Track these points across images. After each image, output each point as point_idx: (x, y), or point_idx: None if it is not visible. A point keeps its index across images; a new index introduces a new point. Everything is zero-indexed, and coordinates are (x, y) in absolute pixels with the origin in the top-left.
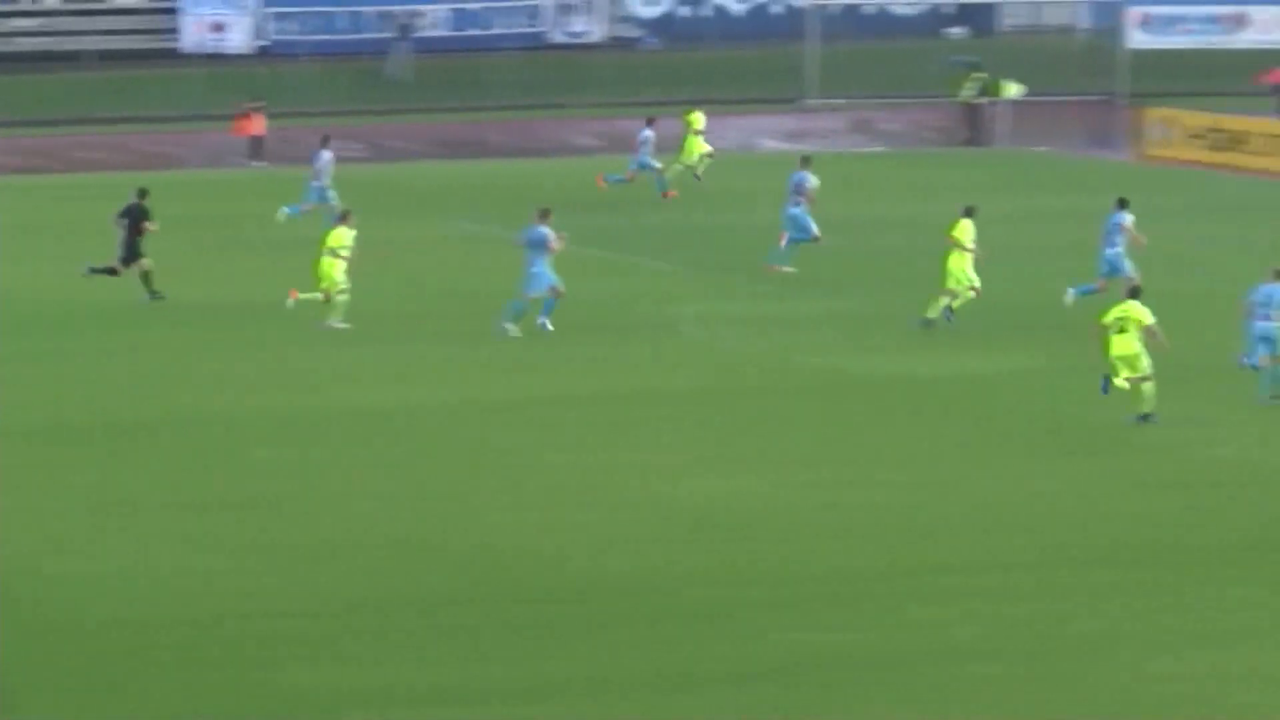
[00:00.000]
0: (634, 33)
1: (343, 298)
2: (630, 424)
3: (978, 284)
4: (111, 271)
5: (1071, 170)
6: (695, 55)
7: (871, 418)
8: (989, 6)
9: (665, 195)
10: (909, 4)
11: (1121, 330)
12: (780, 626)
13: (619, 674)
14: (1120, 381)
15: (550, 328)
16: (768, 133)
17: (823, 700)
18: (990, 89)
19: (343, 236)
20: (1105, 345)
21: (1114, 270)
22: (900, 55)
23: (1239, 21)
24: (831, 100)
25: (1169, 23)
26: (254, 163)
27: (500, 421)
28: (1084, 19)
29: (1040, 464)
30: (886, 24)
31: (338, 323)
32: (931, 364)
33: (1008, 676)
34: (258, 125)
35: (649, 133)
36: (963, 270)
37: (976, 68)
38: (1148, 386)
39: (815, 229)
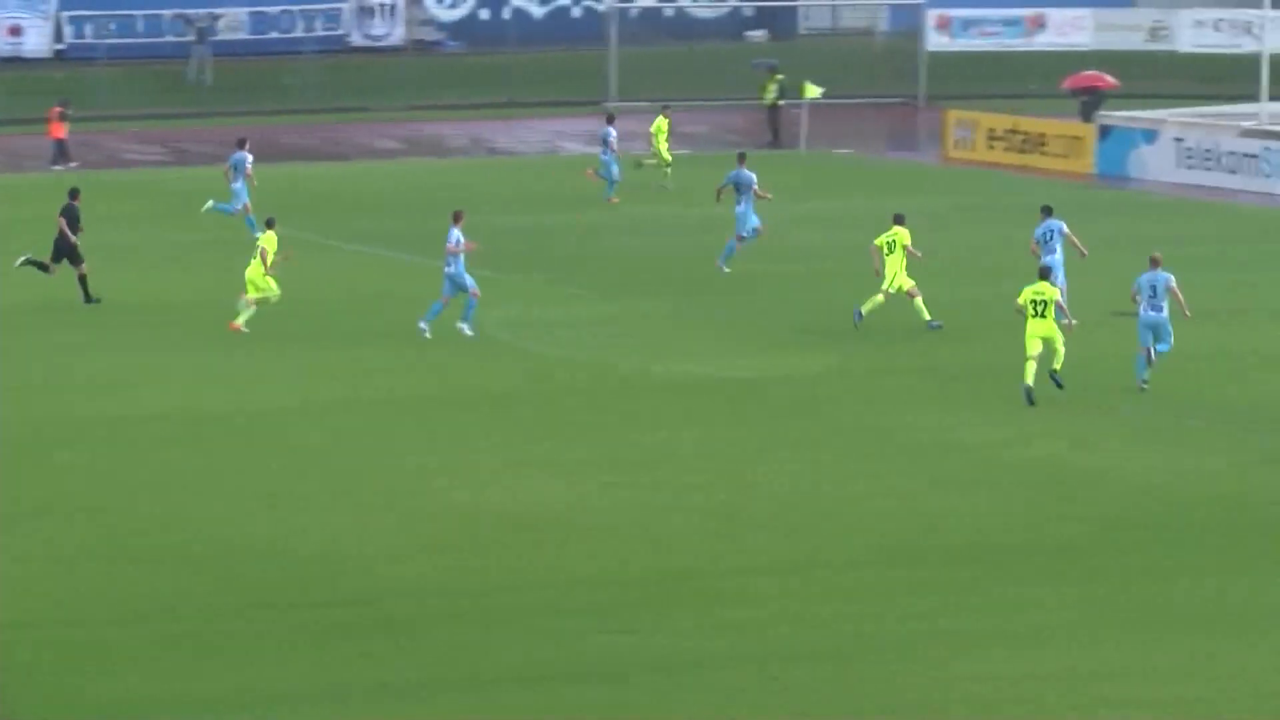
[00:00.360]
0: (435, 36)
1: (254, 308)
2: (438, 427)
3: (892, 288)
4: (43, 267)
5: (874, 172)
6: (497, 58)
7: (681, 419)
8: (788, 10)
9: (610, 200)
10: (708, 7)
11: (1038, 314)
12: (590, 630)
13: (424, 677)
14: (1030, 364)
15: (470, 332)
16: (570, 135)
17: (634, 703)
18: (797, 91)
19: (273, 241)
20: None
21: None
22: (701, 58)
23: (1037, 24)
24: (633, 103)
25: (968, 25)
26: (56, 166)
27: (306, 425)
28: (883, 22)
29: (850, 465)
30: (687, 27)
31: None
32: (740, 366)
33: (817, 677)
34: (61, 129)
35: (612, 130)
36: (900, 275)
37: (777, 70)
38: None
39: (757, 223)
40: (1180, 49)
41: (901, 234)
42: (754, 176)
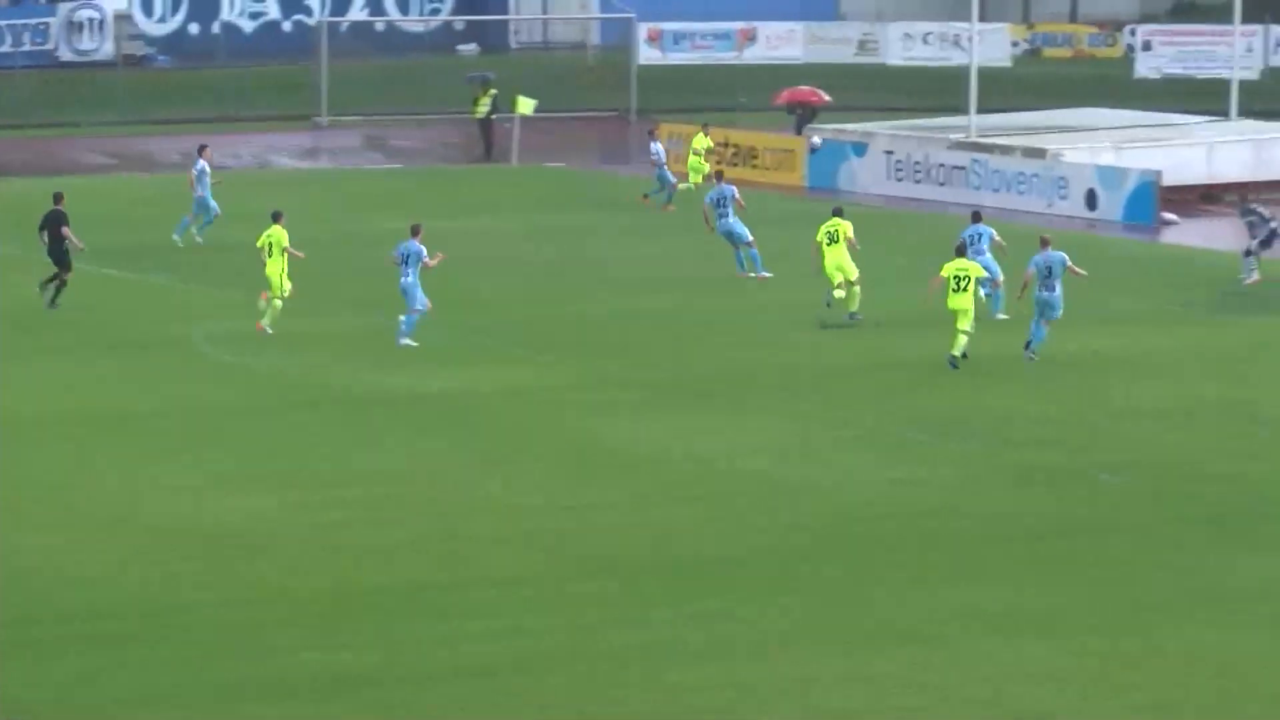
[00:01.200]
0: (144, 51)
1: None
2: (146, 442)
3: (854, 276)
4: (59, 280)
5: (587, 185)
6: (207, 73)
7: (402, 434)
8: (500, 24)
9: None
10: (419, 21)
11: (960, 289)
12: (298, 646)
13: (130, 694)
14: (961, 340)
15: (413, 345)
16: (282, 150)
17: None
18: (510, 104)
19: (284, 236)
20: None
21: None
22: (413, 72)
23: (748, 37)
24: (345, 117)
25: (679, 39)
26: None
27: (20, 440)
28: (595, 36)
29: (571, 477)
30: (398, 41)
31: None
32: (463, 379)
33: (543, 688)
34: None
35: (658, 146)
36: (845, 265)
37: (490, 84)
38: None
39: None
40: (890, 62)
41: (842, 225)
42: (734, 189)
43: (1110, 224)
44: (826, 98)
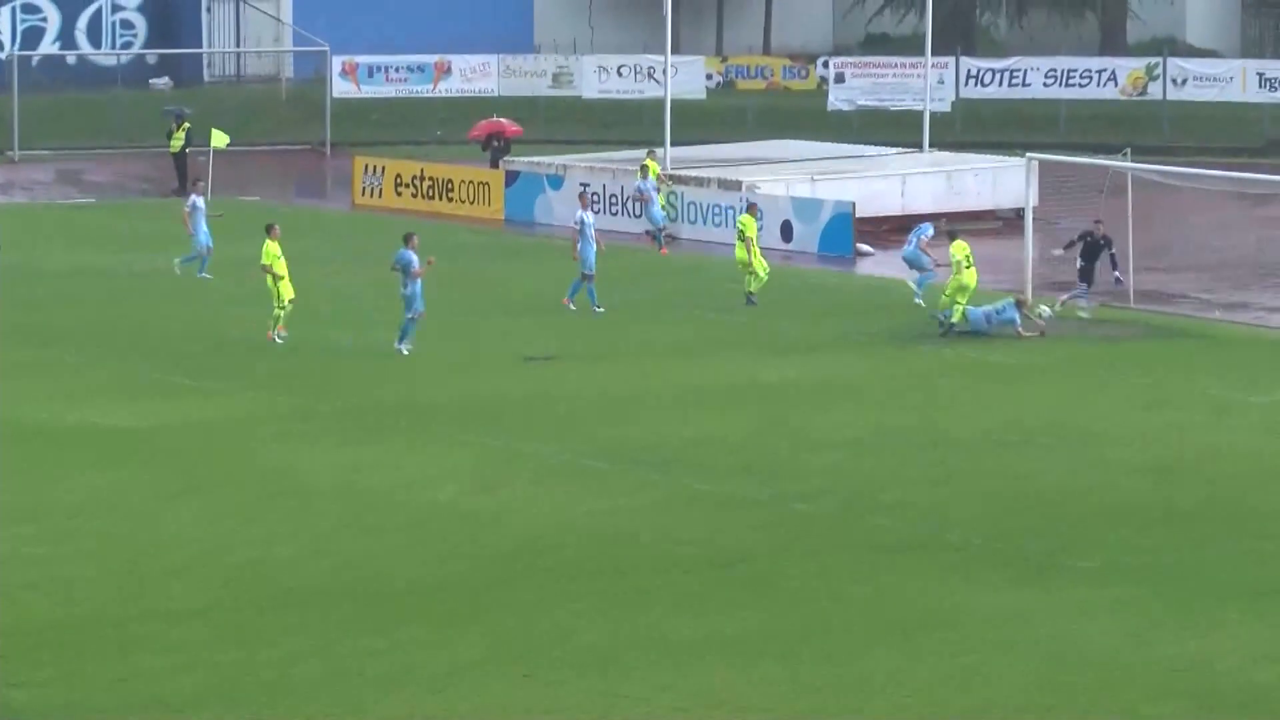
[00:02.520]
0: None
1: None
2: None
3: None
4: None
5: (283, 218)
6: None
7: (73, 467)
8: (193, 57)
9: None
10: (111, 55)
11: (970, 265)
12: None
13: None
14: (958, 311)
15: (405, 351)
16: None
17: None
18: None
19: (275, 249)
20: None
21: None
22: (107, 105)
23: (443, 70)
24: (37, 151)
25: (373, 72)
26: None
27: None
28: (289, 69)
29: (257, 509)
30: (91, 74)
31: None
32: (136, 412)
33: None
34: None
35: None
36: (757, 260)
37: (185, 118)
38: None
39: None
40: (585, 95)
41: (749, 223)
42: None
43: (806, 255)
44: (517, 128)
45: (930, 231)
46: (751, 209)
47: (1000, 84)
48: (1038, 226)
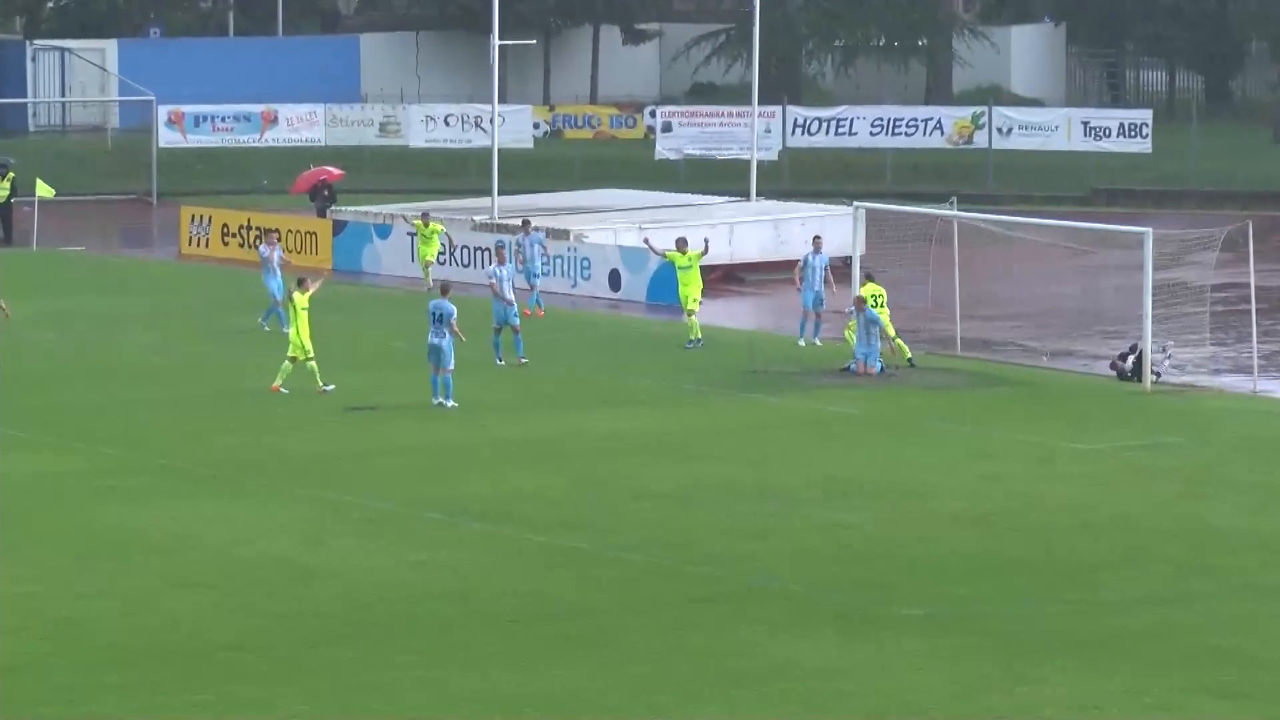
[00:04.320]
0: None
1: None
2: None
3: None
4: None
5: (108, 269)
6: None
7: None
8: (18, 106)
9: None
10: None
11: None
12: None
13: None
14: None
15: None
16: None
17: None
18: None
19: (304, 299)
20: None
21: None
22: None
23: (270, 119)
24: None
25: (200, 121)
26: None
27: None
28: (115, 118)
29: (85, 565)
30: None
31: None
32: None
33: None
34: None
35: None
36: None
37: (9, 168)
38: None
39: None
40: (412, 144)
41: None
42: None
43: (635, 304)
44: (338, 172)
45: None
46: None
47: (827, 133)
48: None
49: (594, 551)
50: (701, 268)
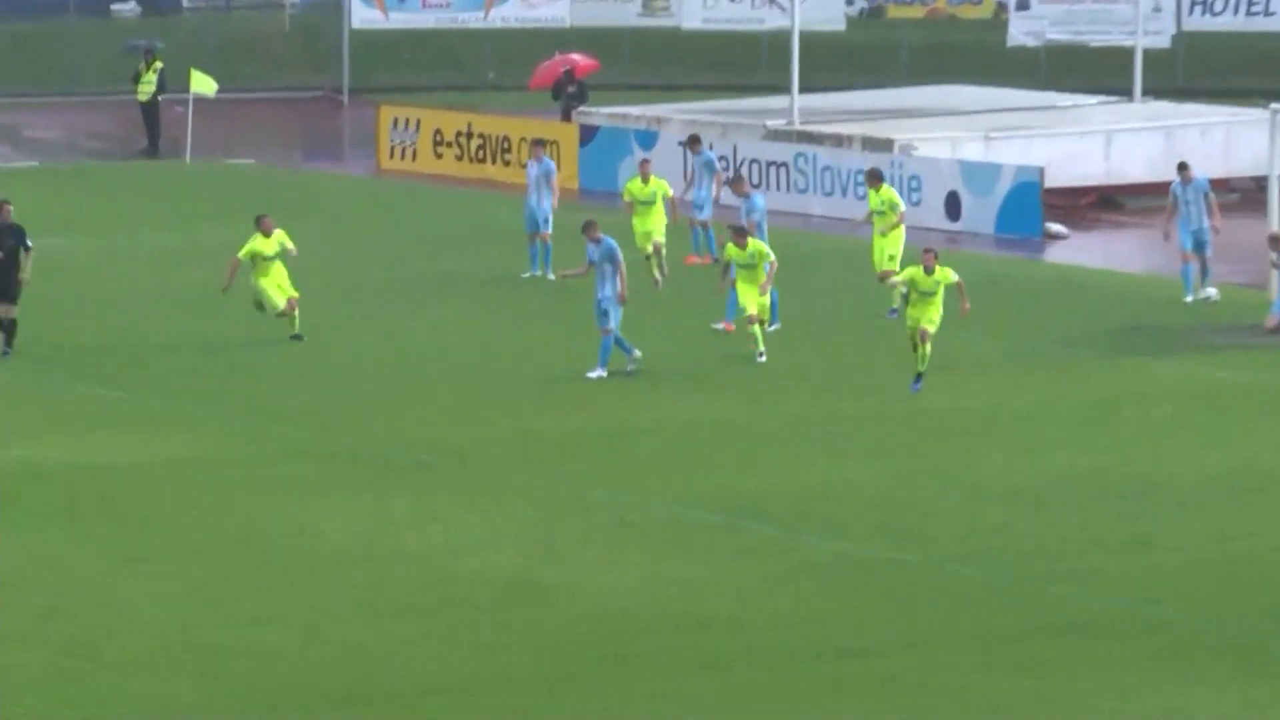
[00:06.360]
0: None
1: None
2: None
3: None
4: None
5: (285, 187)
6: None
7: (19, 519)
8: None
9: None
10: None
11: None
12: None
13: None
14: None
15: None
16: None
17: None
18: (184, 82)
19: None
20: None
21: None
22: (54, 39)
23: None
24: None
25: None
26: None
27: None
28: None
29: (224, 582)
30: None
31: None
32: (78, 448)
33: None
34: None
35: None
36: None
37: (156, 55)
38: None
39: None
40: (686, 25)
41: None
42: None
43: (979, 238)
44: (592, 62)
45: None
46: (875, 178)
47: (1236, 11)
48: None
49: (917, 566)
50: (1070, 189)
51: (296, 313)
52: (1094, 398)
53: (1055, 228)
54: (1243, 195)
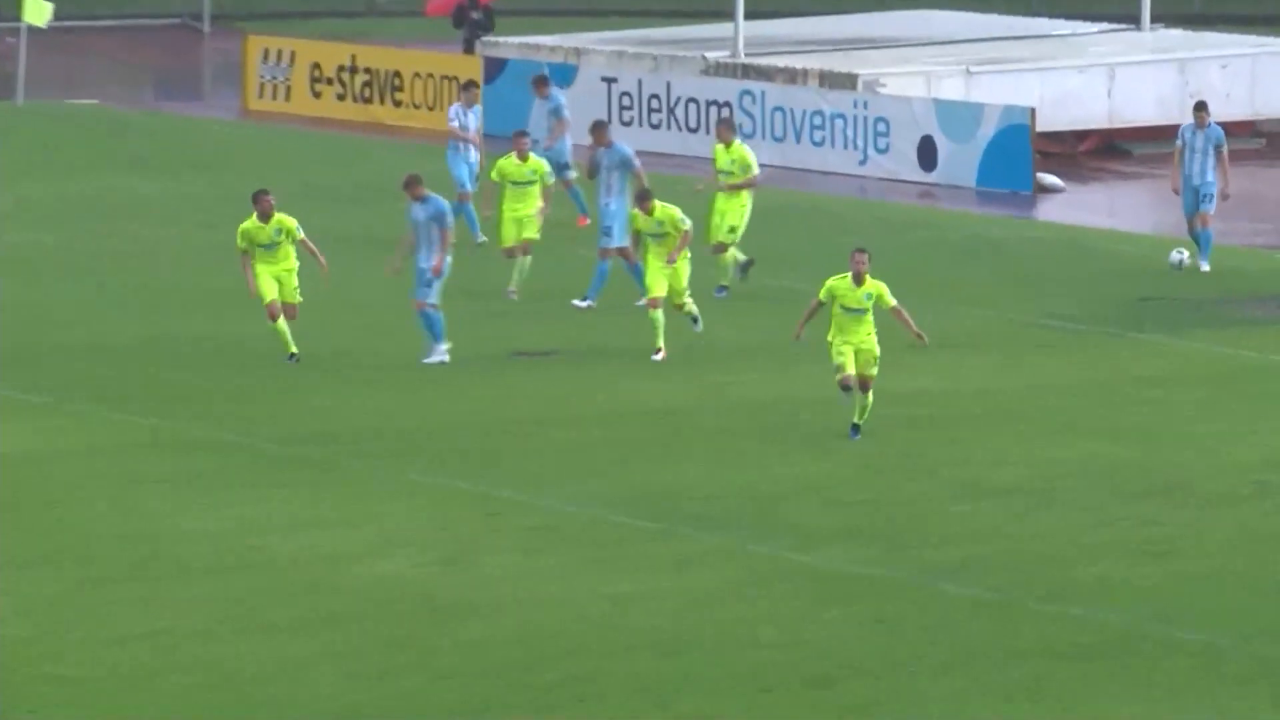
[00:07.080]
0: None
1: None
2: None
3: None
4: None
5: (135, 132)
6: None
7: None
8: None
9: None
10: None
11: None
12: None
13: None
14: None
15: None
16: None
17: None
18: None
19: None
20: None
21: None
22: None
23: None
24: None
25: None
26: None
27: None
28: None
29: (81, 595)
30: None
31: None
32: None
33: None
34: None
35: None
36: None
37: None
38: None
39: None
40: None
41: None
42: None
43: (958, 191)
44: None
45: None
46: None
47: None
48: None
49: (895, 578)
50: (1066, 133)
51: (286, 326)
52: (1098, 381)
53: (1049, 179)
54: (1269, 140)
